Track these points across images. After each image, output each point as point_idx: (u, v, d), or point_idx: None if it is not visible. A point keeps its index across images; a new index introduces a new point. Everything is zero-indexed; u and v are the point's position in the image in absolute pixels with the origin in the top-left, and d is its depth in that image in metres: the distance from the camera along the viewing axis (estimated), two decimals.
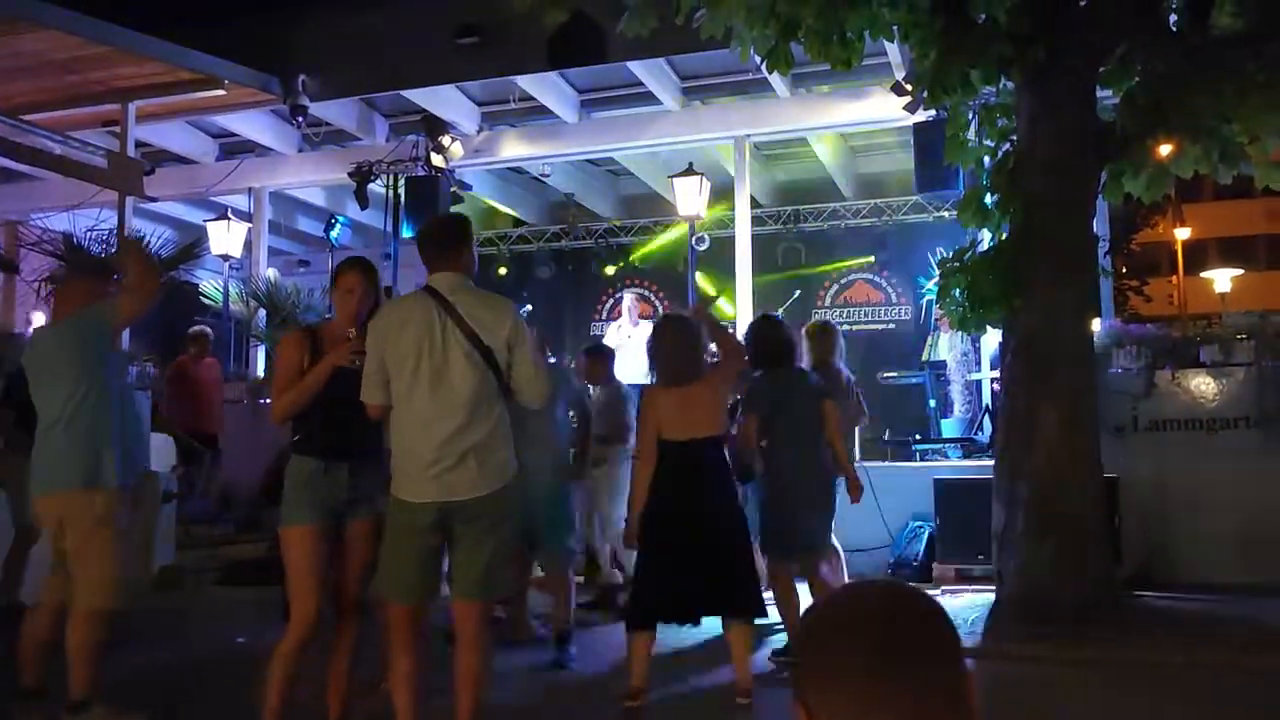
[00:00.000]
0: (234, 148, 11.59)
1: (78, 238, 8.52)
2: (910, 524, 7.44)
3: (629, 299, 11.14)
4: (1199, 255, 25.92)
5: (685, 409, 4.31)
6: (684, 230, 10.97)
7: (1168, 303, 21.75)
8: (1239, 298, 21.59)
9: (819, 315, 11.12)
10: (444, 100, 10.19)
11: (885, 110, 8.96)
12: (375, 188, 10.40)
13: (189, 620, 6.62)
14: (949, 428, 9.50)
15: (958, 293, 6.21)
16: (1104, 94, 6.59)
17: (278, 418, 3.65)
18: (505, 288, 12.30)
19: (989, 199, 6.40)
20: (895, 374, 10.49)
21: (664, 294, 13.34)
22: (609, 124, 10.58)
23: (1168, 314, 18.85)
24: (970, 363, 9.60)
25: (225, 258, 10.94)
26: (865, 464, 6.49)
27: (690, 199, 10.09)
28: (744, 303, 9.77)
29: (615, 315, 12.17)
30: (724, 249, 10.42)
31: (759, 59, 6.11)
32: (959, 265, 6.27)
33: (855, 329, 12.31)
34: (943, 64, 5.84)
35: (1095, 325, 6.70)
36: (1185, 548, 6.99)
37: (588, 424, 5.65)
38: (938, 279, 6.57)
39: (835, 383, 5.79)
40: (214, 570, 8.03)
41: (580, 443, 5.59)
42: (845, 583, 4.51)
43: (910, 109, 7.83)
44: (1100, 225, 7.23)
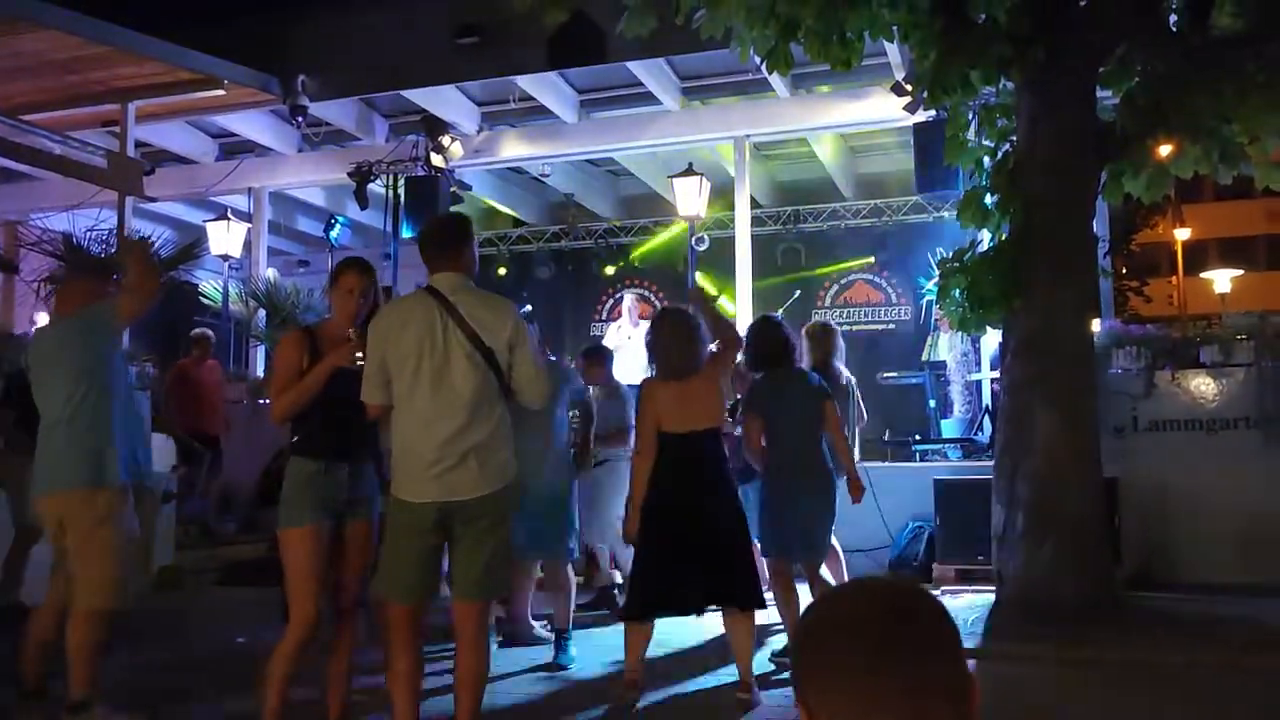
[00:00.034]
0: (234, 148, 11.59)
1: (77, 238, 8.51)
2: (910, 524, 7.44)
3: (629, 299, 11.15)
4: (1199, 256, 25.96)
5: (684, 401, 4.32)
6: (684, 228, 10.98)
7: (1168, 303, 21.78)
8: (1239, 298, 21.61)
9: (819, 316, 11.12)
10: (444, 100, 10.19)
11: (885, 110, 8.96)
12: (375, 188, 10.40)
13: (189, 620, 6.62)
14: (949, 428, 9.50)
15: (958, 293, 6.21)
16: (1104, 94, 6.59)
17: (278, 418, 3.65)
18: (505, 288, 12.29)
19: (989, 199, 6.40)
20: (895, 374, 10.48)
21: (664, 294, 13.33)
22: (609, 124, 10.58)
23: (1168, 314, 18.89)
24: (970, 363, 9.59)
25: (225, 258, 10.94)
26: (865, 464, 6.48)
27: (690, 199, 10.09)
28: (744, 303, 9.78)
29: (615, 315, 12.18)
30: (724, 249, 10.42)
31: (759, 59, 6.11)
32: (959, 265, 6.27)
33: (855, 329, 12.30)
34: (942, 64, 5.84)
35: (1095, 326, 6.70)
36: (1185, 548, 6.99)
37: (589, 422, 5.64)
38: (938, 279, 6.57)
39: (835, 384, 5.79)
40: (213, 570, 8.03)
41: (581, 440, 5.59)
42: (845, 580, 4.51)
43: (910, 109, 7.84)
44: (1100, 226, 7.22)
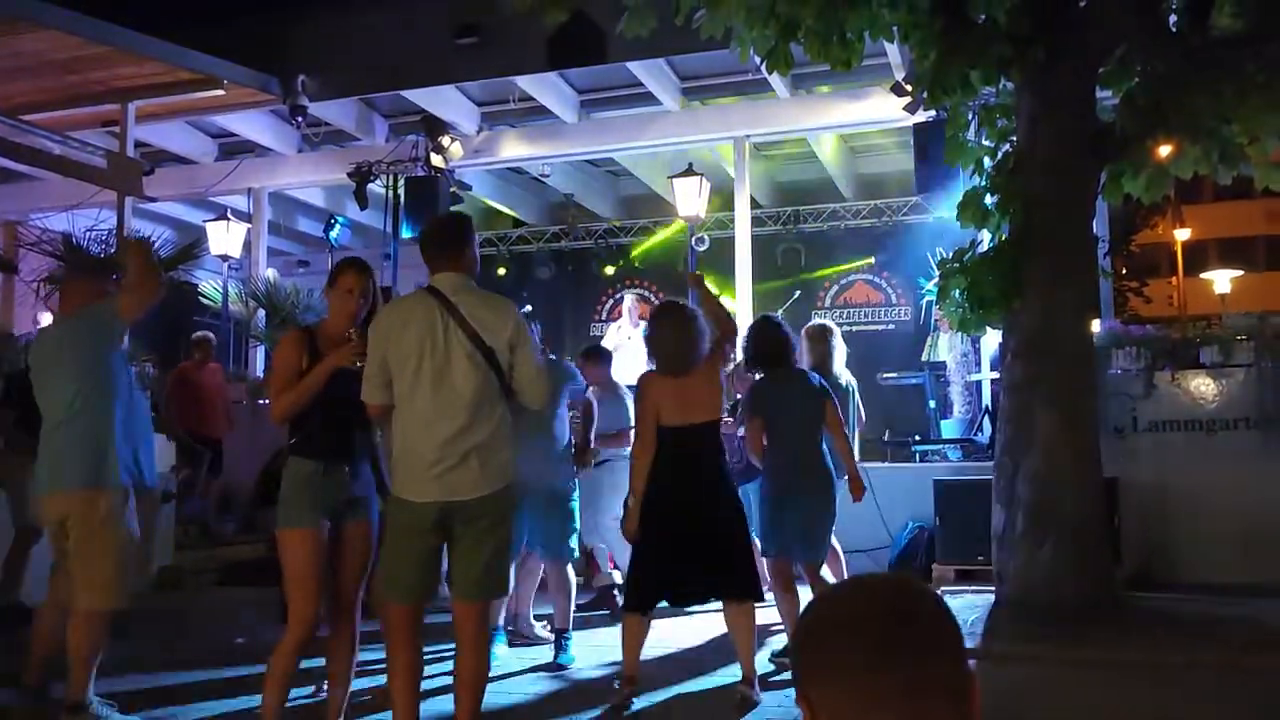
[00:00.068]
0: (233, 148, 11.59)
1: (77, 238, 8.51)
2: (910, 525, 7.44)
3: (629, 299, 11.15)
4: (1198, 256, 25.94)
5: (683, 395, 4.32)
6: (682, 227, 10.98)
7: (1167, 304, 21.78)
8: (1238, 299, 21.61)
9: (818, 316, 11.12)
10: (443, 100, 10.19)
11: (885, 111, 8.96)
12: (375, 188, 10.40)
13: (188, 620, 6.62)
14: (949, 428, 9.50)
15: (957, 293, 6.20)
16: (1103, 94, 6.59)
17: (277, 418, 3.63)
18: (505, 288, 12.28)
19: (989, 199, 6.40)
20: (895, 375, 10.48)
21: (664, 294, 13.28)
22: (609, 124, 10.58)
23: (1167, 315, 18.87)
24: (970, 363, 9.59)
25: (224, 258, 10.94)
26: (865, 465, 6.47)
27: (690, 199, 10.09)
28: (744, 303, 9.78)
29: (615, 316, 12.17)
30: (724, 249, 10.41)
31: (759, 59, 6.11)
32: (959, 266, 6.27)
33: (855, 330, 12.29)
34: (942, 64, 5.84)
35: (1095, 326, 6.70)
36: (1185, 548, 7.00)
37: (591, 422, 5.64)
38: (937, 280, 6.57)
39: (834, 386, 5.78)
40: (213, 570, 8.03)
41: (582, 440, 5.58)
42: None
43: (910, 109, 7.84)
44: (1100, 226, 7.23)
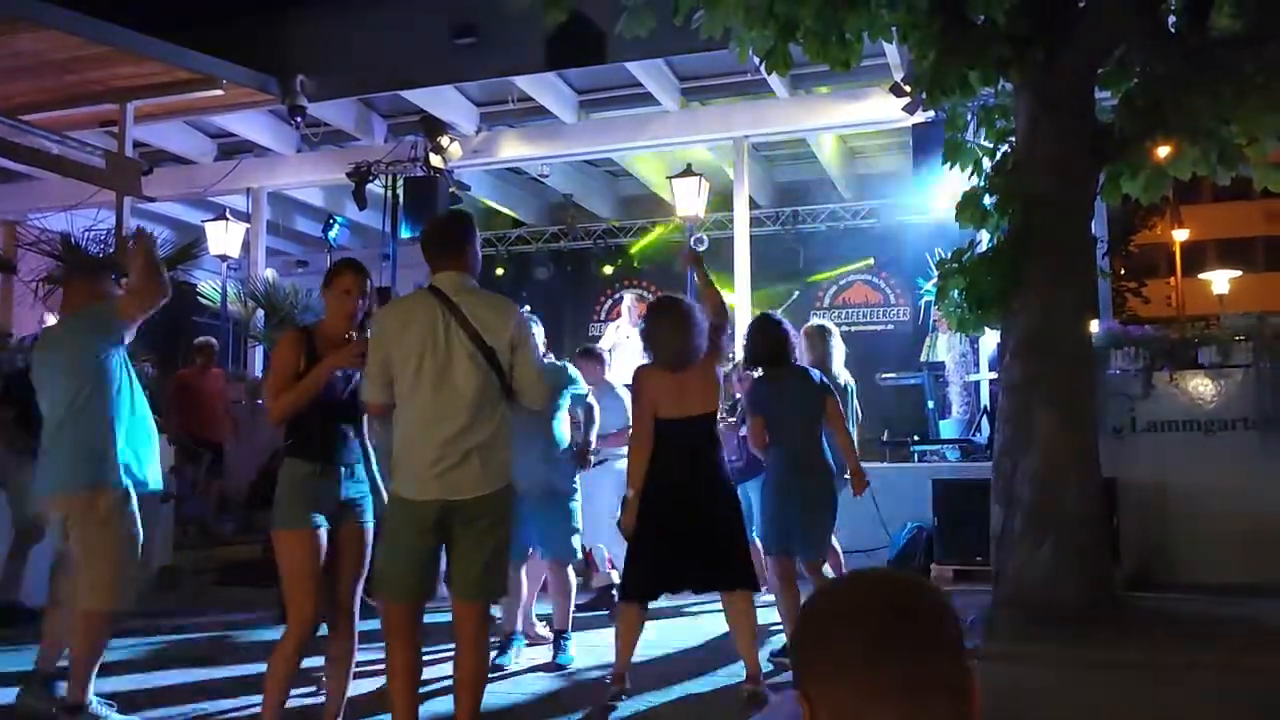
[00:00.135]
0: (232, 148, 11.59)
1: (75, 238, 8.51)
2: (908, 525, 7.44)
3: (629, 299, 11.13)
4: (1197, 257, 25.99)
5: (680, 388, 4.33)
6: (677, 225, 10.96)
7: (1166, 304, 21.82)
8: (1237, 299, 21.64)
9: (817, 316, 11.12)
10: (442, 100, 10.19)
11: (884, 111, 8.96)
12: (374, 188, 10.40)
13: (187, 620, 6.61)
14: (947, 428, 9.50)
15: (956, 294, 6.19)
16: (1103, 95, 6.58)
17: (275, 419, 3.63)
18: (504, 288, 12.28)
19: (987, 200, 6.40)
20: (893, 375, 10.49)
21: (663, 294, 13.32)
22: (608, 124, 10.59)
23: (1166, 315, 18.91)
24: (969, 364, 9.59)
25: (223, 258, 10.93)
26: (863, 464, 6.47)
27: (689, 200, 10.09)
28: (743, 304, 9.78)
29: (614, 315, 12.17)
30: (723, 250, 10.42)
31: (758, 60, 6.10)
32: (957, 266, 6.26)
33: (854, 330, 12.30)
34: (941, 65, 5.83)
35: (1093, 326, 6.70)
36: (1184, 548, 7.00)
37: (592, 424, 5.63)
38: (936, 280, 6.56)
39: (833, 385, 5.79)
40: (212, 570, 8.03)
41: (583, 442, 5.57)
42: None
43: (909, 110, 7.83)
44: (1099, 226, 7.22)
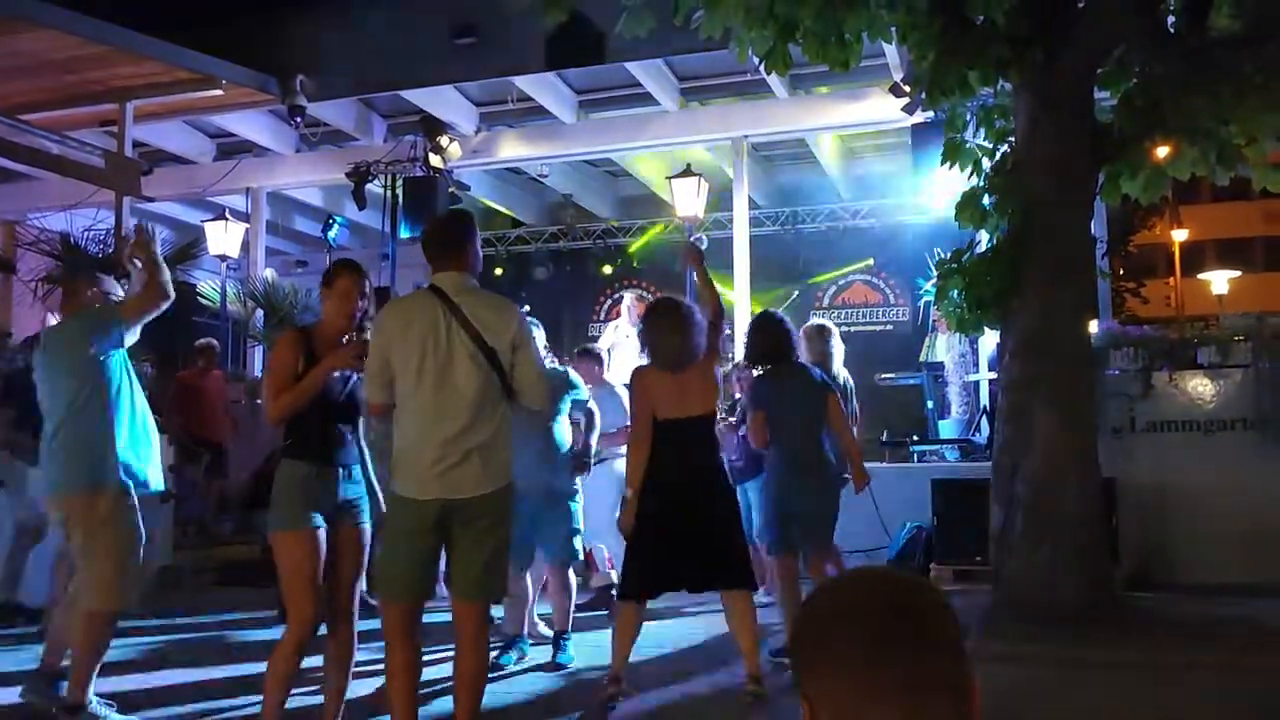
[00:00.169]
0: (232, 148, 11.58)
1: (75, 237, 8.51)
2: (908, 525, 7.44)
3: (628, 298, 11.10)
4: (1196, 257, 26.00)
5: (679, 388, 4.33)
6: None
7: (1165, 304, 21.83)
8: (1236, 299, 21.66)
9: (817, 316, 11.12)
10: (442, 100, 10.19)
11: (884, 111, 8.97)
12: (373, 188, 10.39)
13: (187, 620, 6.61)
14: (946, 429, 9.51)
15: (956, 294, 6.21)
16: (1102, 95, 6.59)
17: (274, 419, 3.62)
18: (503, 288, 12.28)
19: (987, 200, 6.40)
20: (893, 375, 10.50)
21: (662, 295, 13.32)
22: (607, 125, 10.59)
23: (1165, 315, 18.92)
24: (968, 364, 9.60)
25: (223, 258, 10.93)
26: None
27: (688, 200, 10.09)
28: (742, 303, 9.78)
29: (614, 315, 12.17)
30: (722, 250, 10.41)
31: (757, 60, 6.11)
32: (957, 266, 6.27)
33: (853, 330, 12.30)
34: (941, 65, 5.84)
35: (1093, 326, 6.70)
36: (1183, 548, 7.00)
37: (593, 429, 5.62)
38: (936, 280, 6.57)
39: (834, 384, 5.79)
40: (211, 570, 8.03)
41: (583, 445, 5.56)
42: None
43: (909, 110, 7.84)
44: (1098, 227, 7.23)
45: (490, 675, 3.79)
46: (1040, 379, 5.99)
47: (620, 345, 9.28)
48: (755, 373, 5.53)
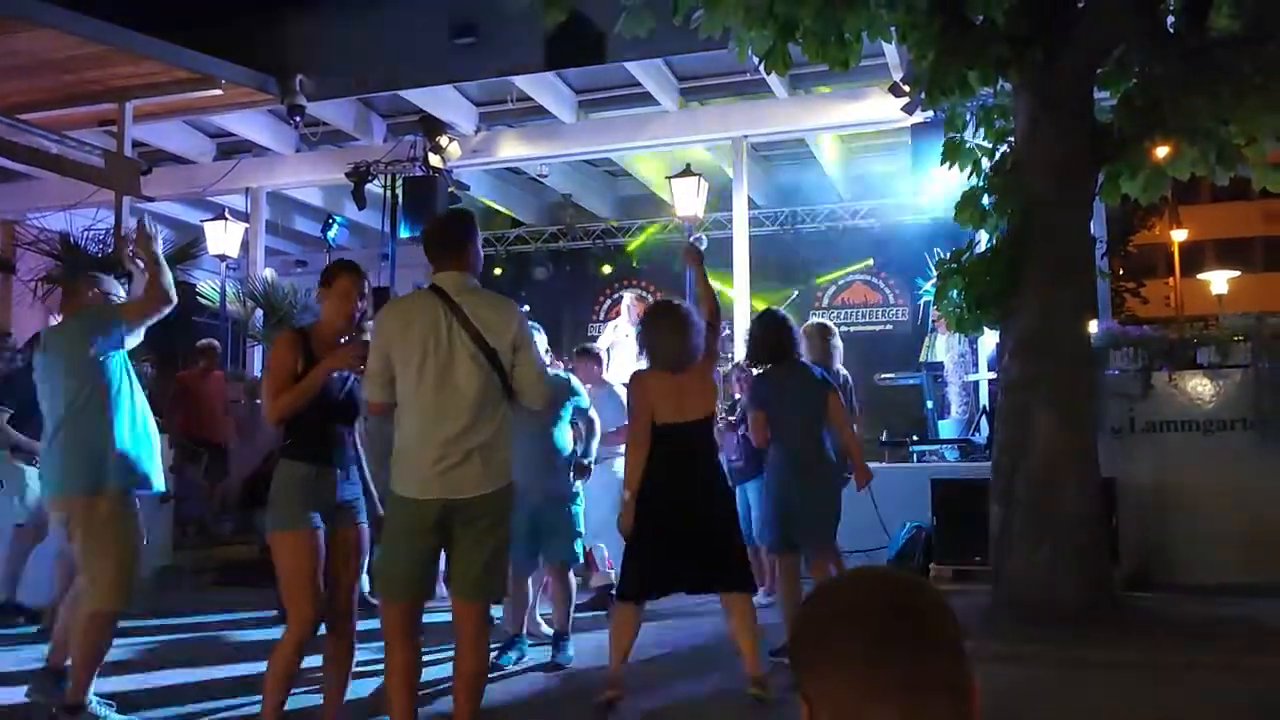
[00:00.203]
0: (231, 147, 11.58)
1: (74, 237, 8.51)
2: (907, 525, 7.43)
3: (628, 298, 11.10)
4: (1196, 257, 26.01)
5: (678, 392, 4.33)
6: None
7: (1164, 304, 21.84)
8: (1236, 299, 21.67)
9: (816, 316, 11.13)
10: (441, 100, 10.19)
11: (883, 111, 8.97)
12: (373, 188, 10.40)
13: (186, 620, 6.61)
14: (946, 429, 9.51)
15: (955, 294, 6.21)
16: (1101, 95, 6.60)
17: (274, 420, 3.61)
18: (503, 288, 12.27)
19: (986, 200, 6.41)
20: (892, 375, 10.50)
21: (661, 294, 13.32)
22: (607, 124, 10.59)
23: (1164, 316, 18.93)
24: (968, 364, 9.61)
25: (222, 258, 10.93)
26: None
27: (688, 200, 10.09)
28: (742, 304, 9.78)
29: (614, 315, 12.17)
30: (722, 250, 10.42)
31: (757, 60, 6.11)
32: (956, 267, 6.28)
33: (853, 330, 12.31)
34: (941, 65, 5.84)
35: (1092, 326, 6.70)
36: (1182, 548, 7.00)
37: (593, 436, 5.61)
38: (935, 280, 6.57)
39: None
40: (211, 570, 8.03)
41: (582, 452, 5.55)
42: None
43: (908, 110, 7.84)
44: (1097, 227, 7.23)
45: (490, 675, 3.79)
46: (1040, 379, 5.99)
47: (619, 344, 9.28)
48: (755, 372, 5.53)
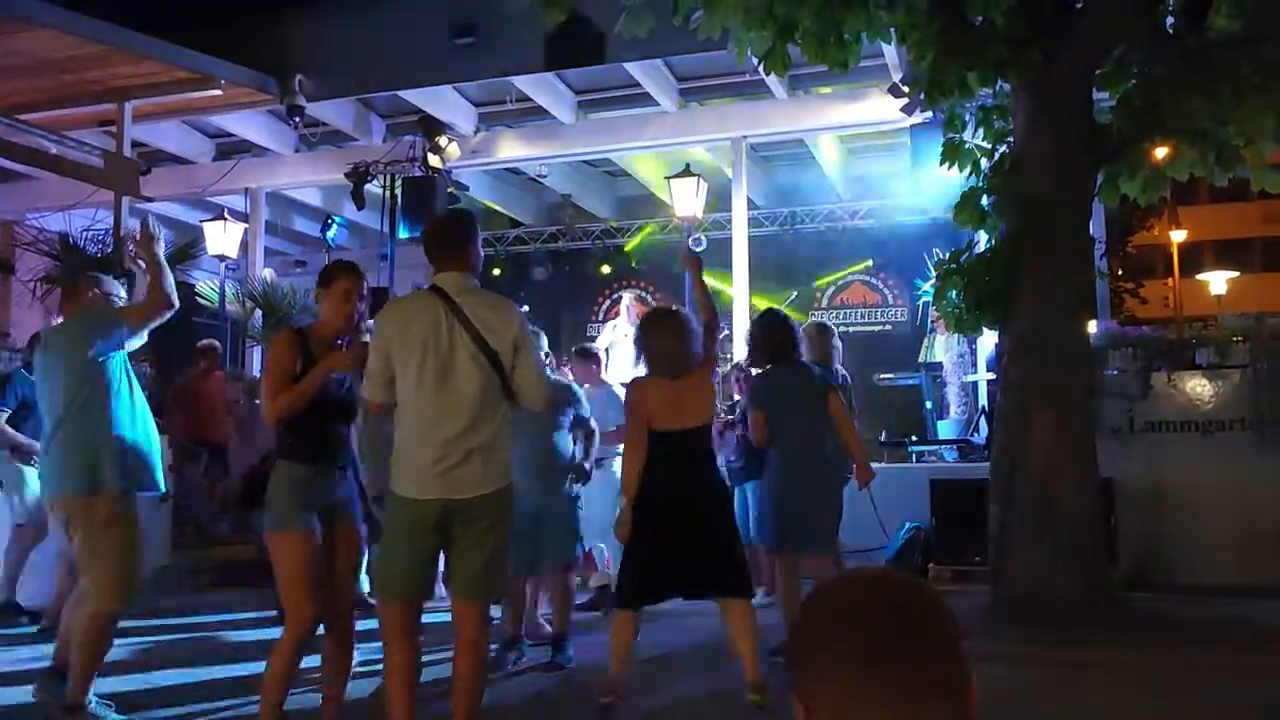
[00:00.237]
0: (230, 148, 11.58)
1: (73, 237, 8.51)
2: (906, 525, 7.44)
3: (628, 298, 11.14)
4: (1195, 257, 26.01)
5: (676, 399, 4.32)
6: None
7: (1163, 305, 21.83)
8: (1234, 300, 21.67)
9: (815, 317, 11.14)
10: (441, 101, 10.19)
11: (883, 112, 8.97)
12: (372, 188, 10.40)
13: (185, 620, 6.61)
14: (945, 429, 9.52)
15: (954, 294, 6.22)
16: (1100, 96, 6.60)
17: (272, 420, 3.61)
18: (502, 288, 12.26)
19: (985, 201, 6.41)
20: (891, 375, 10.51)
21: (660, 295, 13.34)
22: (606, 125, 10.59)
23: (1163, 316, 18.93)
24: (966, 364, 9.62)
25: (222, 258, 10.93)
26: None
27: (687, 200, 10.10)
28: (741, 304, 9.79)
29: (613, 315, 12.17)
30: (721, 250, 10.42)
31: (756, 60, 6.11)
32: (956, 267, 6.28)
33: (852, 330, 12.31)
34: (940, 66, 5.85)
35: (1091, 327, 6.71)
36: (1181, 549, 7.01)
37: (592, 442, 5.61)
38: (934, 281, 6.58)
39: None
40: (210, 570, 8.03)
41: (581, 459, 5.55)
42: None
43: (908, 110, 7.84)
44: (1096, 227, 7.25)
45: (490, 675, 3.79)
46: (1039, 379, 6.00)
47: (619, 344, 9.30)
48: (755, 372, 5.53)
